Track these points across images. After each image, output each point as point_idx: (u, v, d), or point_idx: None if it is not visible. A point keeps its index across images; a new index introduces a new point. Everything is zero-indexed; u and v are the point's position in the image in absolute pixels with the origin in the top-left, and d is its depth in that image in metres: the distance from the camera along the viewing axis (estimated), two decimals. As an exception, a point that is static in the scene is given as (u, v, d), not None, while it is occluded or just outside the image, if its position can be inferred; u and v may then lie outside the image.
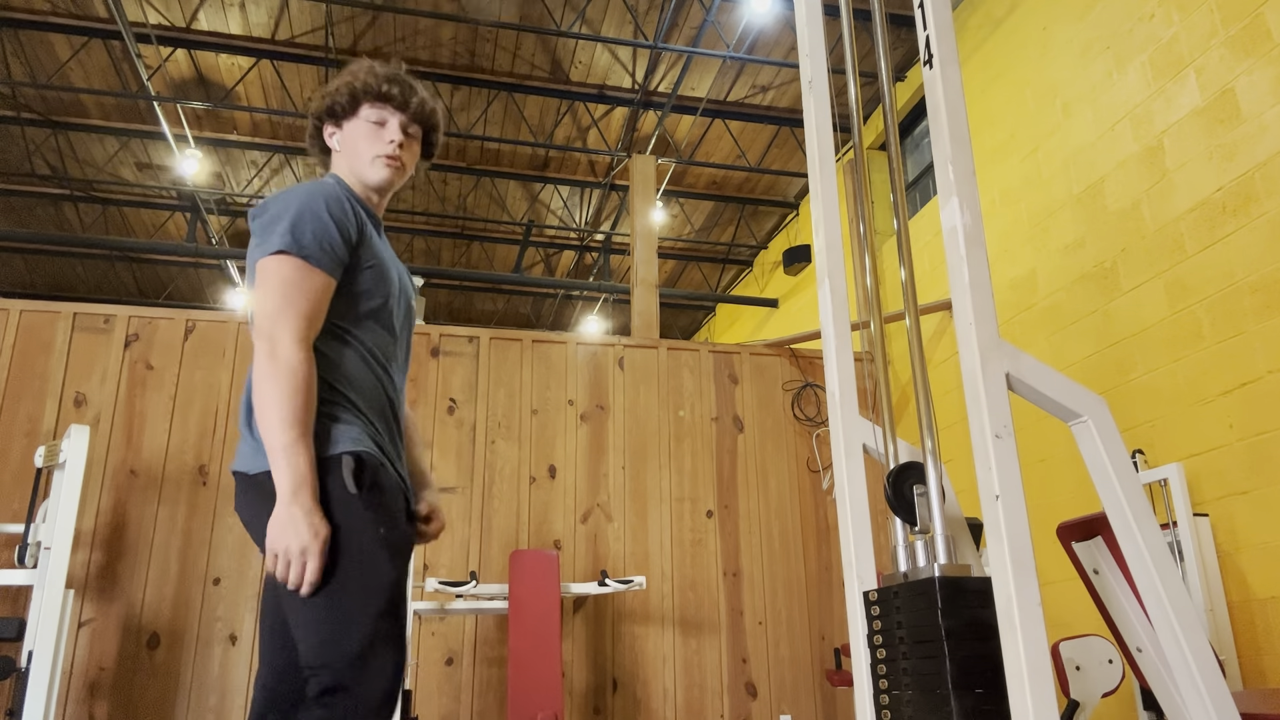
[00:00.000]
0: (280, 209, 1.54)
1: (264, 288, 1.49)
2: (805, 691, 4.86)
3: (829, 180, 2.06)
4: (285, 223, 1.51)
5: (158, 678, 4.19)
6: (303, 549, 1.36)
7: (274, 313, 1.46)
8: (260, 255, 1.51)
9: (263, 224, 1.54)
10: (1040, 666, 1.35)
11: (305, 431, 1.41)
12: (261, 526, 1.45)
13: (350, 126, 1.72)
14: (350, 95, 1.71)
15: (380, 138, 1.71)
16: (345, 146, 1.73)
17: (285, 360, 1.43)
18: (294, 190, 1.58)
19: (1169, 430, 3.85)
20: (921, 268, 5.92)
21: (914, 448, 1.82)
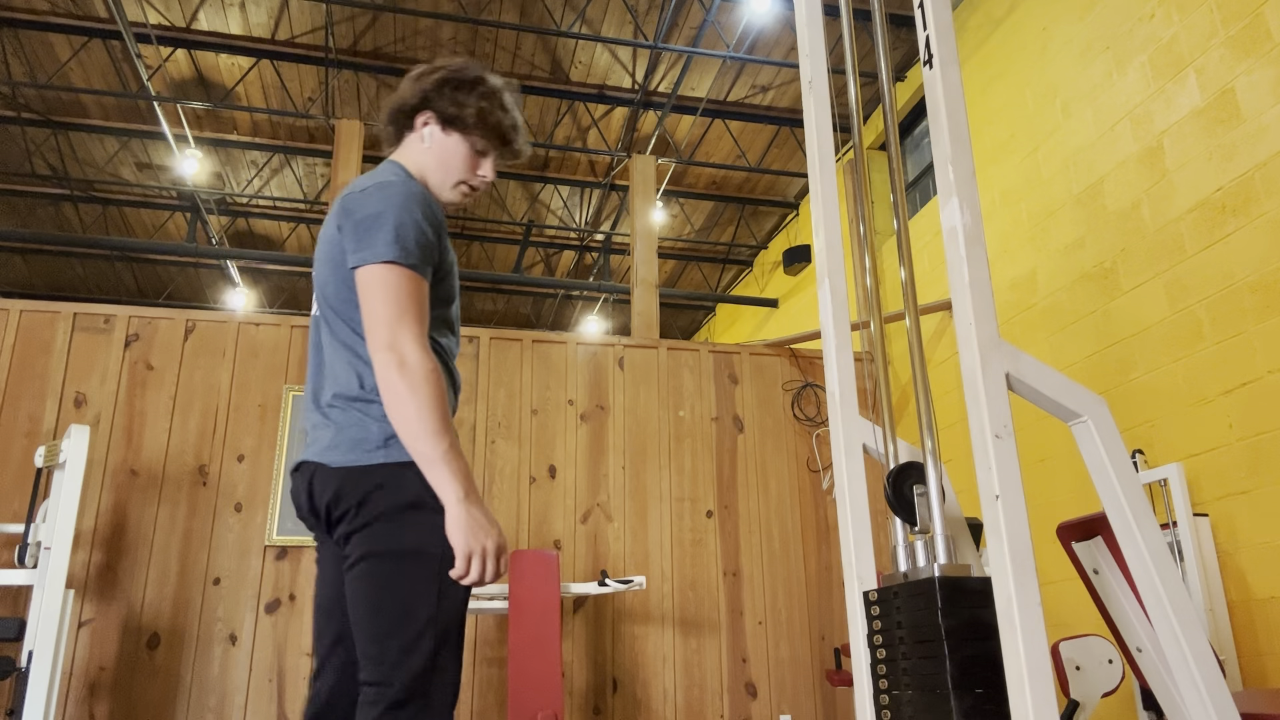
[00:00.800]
0: (378, 210, 1.50)
1: (374, 297, 1.45)
2: (805, 691, 4.86)
3: (829, 180, 2.06)
4: (389, 229, 1.48)
5: (158, 678, 4.19)
6: (498, 547, 1.39)
7: (393, 322, 1.43)
8: (364, 261, 1.47)
9: (360, 225, 1.50)
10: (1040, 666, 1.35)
11: (454, 435, 1.42)
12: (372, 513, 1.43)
13: (454, 140, 1.66)
14: (478, 117, 1.65)
15: (475, 169, 1.67)
16: (437, 154, 1.66)
17: (417, 369, 1.41)
18: (388, 190, 1.52)
19: (1169, 430, 3.85)
20: (921, 268, 5.92)
21: (914, 448, 1.82)
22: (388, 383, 1.41)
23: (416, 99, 1.67)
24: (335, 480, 1.48)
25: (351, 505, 1.46)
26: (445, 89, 1.65)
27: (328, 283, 1.57)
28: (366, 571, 1.44)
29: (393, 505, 1.44)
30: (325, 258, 1.58)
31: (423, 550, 1.43)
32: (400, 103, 1.70)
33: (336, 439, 1.50)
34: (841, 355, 1.95)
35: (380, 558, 1.44)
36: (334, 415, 1.52)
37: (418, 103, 1.67)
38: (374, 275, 1.46)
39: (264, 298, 10.24)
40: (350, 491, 1.46)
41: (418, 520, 1.44)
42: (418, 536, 1.43)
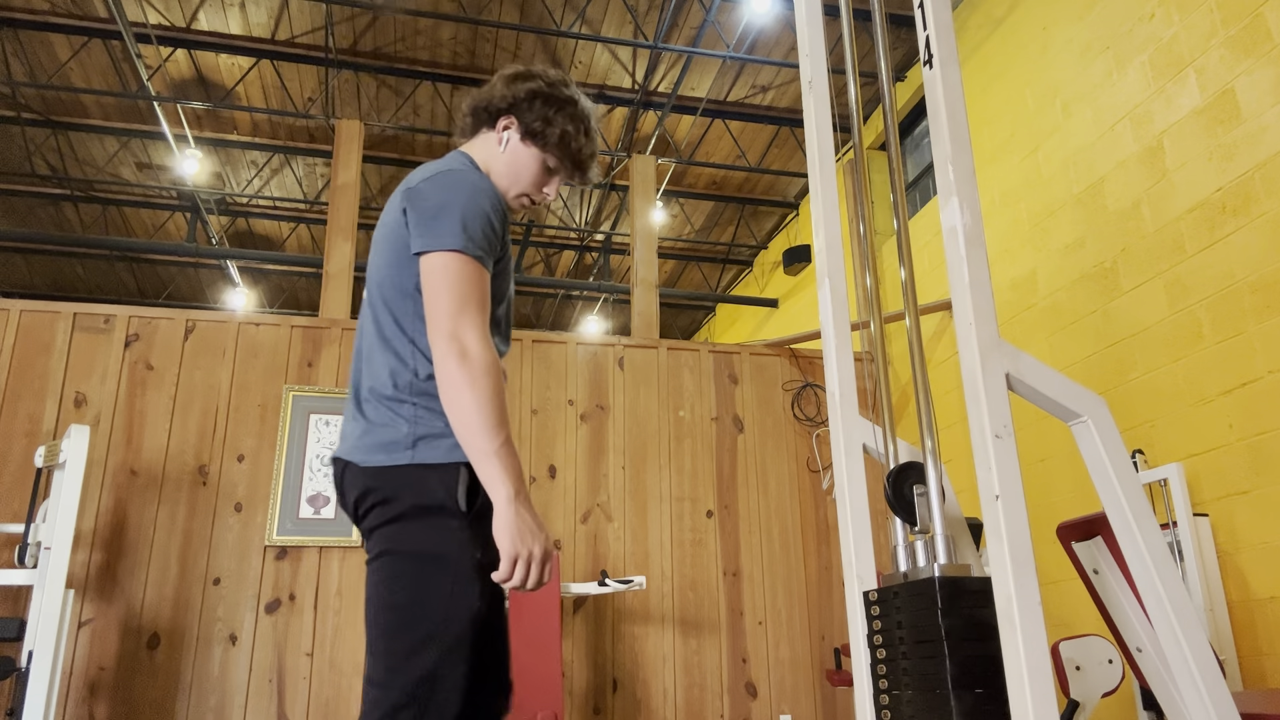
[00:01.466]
0: (446, 199, 1.49)
1: (438, 285, 1.44)
2: (805, 691, 4.86)
3: (829, 180, 2.06)
4: (456, 219, 1.46)
5: (158, 678, 4.19)
6: (545, 551, 1.37)
7: (456, 312, 1.42)
8: (430, 248, 1.46)
9: (427, 212, 1.48)
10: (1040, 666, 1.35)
11: (508, 432, 1.40)
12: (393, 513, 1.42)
13: (531, 153, 1.65)
14: (560, 139, 1.64)
15: (540, 184, 1.67)
16: (509, 161, 1.65)
17: (479, 361, 1.39)
18: (456, 180, 1.52)
19: (1169, 430, 3.85)
20: (921, 268, 5.92)
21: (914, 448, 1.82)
22: (447, 373, 1.39)
23: (504, 103, 1.65)
24: (363, 479, 1.47)
25: (376, 503, 1.46)
26: (536, 101, 1.64)
27: (381, 269, 1.56)
28: (382, 568, 1.43)
29: (415, 507, 1.43)
30: (383, 242, 1.57)
31: (441, 555, 1.41)
32: (487, 101, 1.68)
33: (365, 437, 1.49)
34: (841, 355, 1.95)
35: (397, 556, 1.42)
36: (367, 410, 1.52)
37: (505, 106, 1.65)
38: (439, 262, 1.45)
39: (264, 298, 10.24)
40: (375, 490, 1.45)
41: (439, 524, 1.42)
42: (437, 540, 1.41)
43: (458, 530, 1.42)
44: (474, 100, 1.69)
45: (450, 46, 6.42)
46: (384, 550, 1.44)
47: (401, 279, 1.52)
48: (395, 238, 1.54)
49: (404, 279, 1.52)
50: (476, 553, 1.43)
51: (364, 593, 1.49)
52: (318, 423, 4.69)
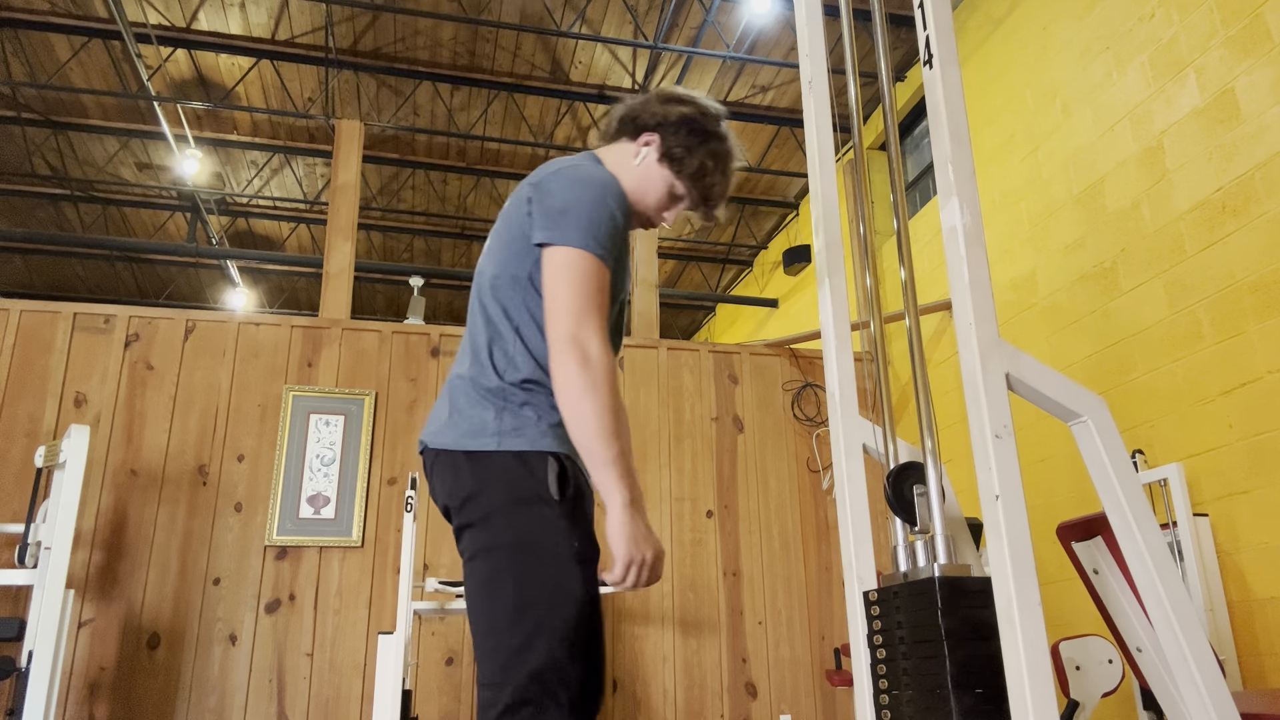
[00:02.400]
0: (574, 198, 1.48)
1: (561, 281, 1.42)
2: (805, 691, 4.86)
3: (829, 180, 2.06)
4: (584, 217, 1.45)
5: (158, 678, 4.19)
6: (657, 555, 1.38)
7: (578, 312, 1.40)
8: (555, 241, 1.45)
9: (553, 206, 1.47)
10: (1040, 666, 1.35)
11: (627, 438, 1.40)
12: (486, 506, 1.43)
13: (663, 175, 1.62)
14: (697, 170, 1.61)
15: (663, 208, 1.65)
16: (640, 177, 1.63)
17: (599, 366, 1.38)
18: (585, 176, 1.51)
19: (1169, 430, 3.85)
20: (921, 268, 5.92)
21: (914, 448, 1.82)
22: (566, 377, 1.38)
23: (653, 120, 1.63)
24: (450, 470, 1.48)
25: (466, 497, 1.46)
26: (684, 127, 1.62)
27: (495, 261, 1.55)
28: (479, 568, 1.43)
29: (508, 499, 1.43)
30: (501, 233, 1.56)
31: (536, 544, 1.40)
32: (635, 114, 1.66)
33: (451, 420, 1.51)
34: (841, 355, 1.95)
35: (491, 552, 1.42)
36: (456, 394, 1.53)
37: (653, 124, 1.63)
38: (563, 259, 1.43)
39: (264, 298, 10.24)
40: (463, 483, 1.46)
41: (535, 514, 1.42)
42: (536, 531, 1.41)
43: (554, 519, 1.42)
44: (624, 109, 1.67)
45: (450, 46, 6.42)
46: (478, 549, 1.44)
47: (515, 268, 1.52)
48: (515, 228, 1.54)
49: (518, 268, 1.52)
50: (574, 541, 1.43)
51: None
52: (318, 423, 4.69)
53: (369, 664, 4.39)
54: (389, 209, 8.43)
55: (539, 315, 1.52)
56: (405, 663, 3.43)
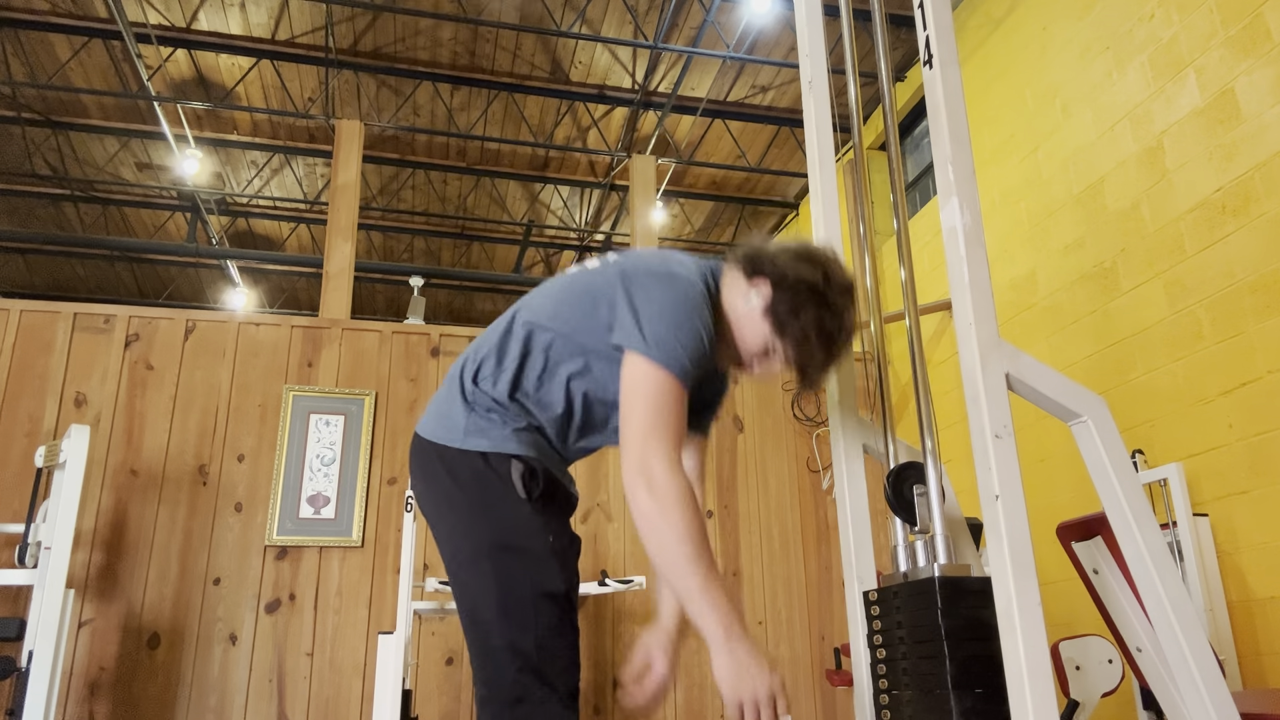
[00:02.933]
0: (673, 303, 1.42)
1: (637, 398, 1.38)
2: (805, 691, 4.86)
3: (829, 180, 2.06)
4: (674, 335, 1.40)
5: (158, 678, 4.19)
6: (770, 692, 1.27)
7: (648, 435, 1.36)
8: (636, 349, 1.40)
9: (649, 311, 1.41)
10: (1040, 666, 1.35)
11: (711, 562, 1.32)
12: (435, 496, 1.48)
13: (763, 328, 1.51)
14: (799, 339, 1.49)
15: (751, 361, 1.56)
16: (745, 319, 1.53)
17: (668, 493, 1.32)
18: (683, 294, 1.44)
19: (1169, 430, 3.85)
20: (921, 268, 5.91)
21: (914, 448, 1.82)
22: (637, 507, 1.33)
23: (774, 271, 1.51)
24: (420, 458, 1.54)
25: (432, 489, 1.51)
26: (800, 291, 1.48)
27: (558, 302, 1.53)
28: (460, 571, 1.47)
29: (477, 499, 1.47)
30: (579, 287, 1.53)
31: (512, 543, 1.43)
32: (763, 257, 1.53)
33: (431, 411, 1.56)
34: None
35: (470, 555, 1.45)
36: (444, 388, 1.58)
37: (773, 276, 1.51)
38: (644, 372, 1.39)
39: (264, 298, 10.24)
40: (432, 473, 1.51)
41: (504, 513, 1.45)
42: (505, 529, 1.44)
43: (527, 517, 1.45)
44: (755, 246, 1.57)
45: (450, 46, 6.42)
46: (458, 550, 1.46)
47: (577, 332, 1.49)
48: (597, 298, 1.49)
49: (580, 334, 1.49)
50: (549, 536, 1.46)
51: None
52: (318, 423, 4.69)
53: (369, 664, 4.39)
54: (389, 209, 8.43)
55: (554, 370, 1.52)
56: (405, 663, 3.43)
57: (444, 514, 1.50)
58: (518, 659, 1.38)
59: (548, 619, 1.41)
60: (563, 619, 1.42)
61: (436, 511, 1.52)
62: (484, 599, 1.41)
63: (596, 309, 1.49)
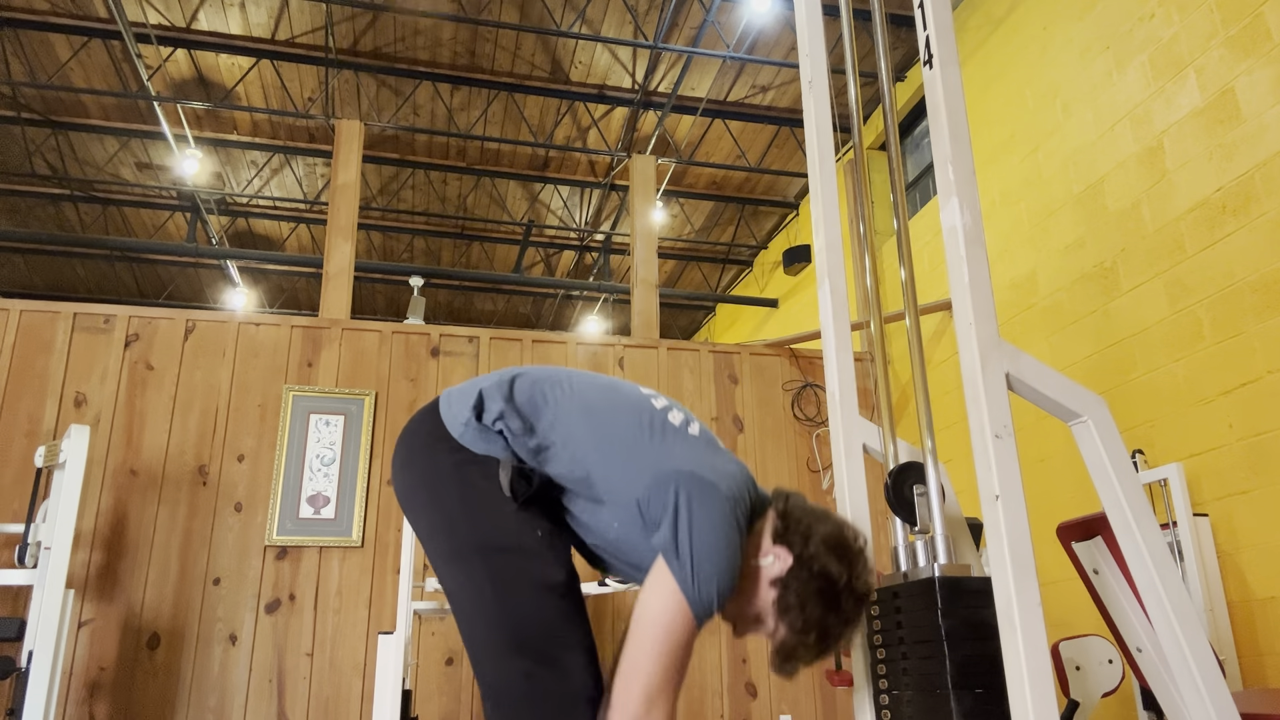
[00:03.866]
0: (719, 539, 1.35)
1: (653, 631, 1.33)
2: (805, 691, 4.85)
3: (829, 180, 2.06)
4: (714, 576, 1.34)
5: (158, 678, 4.19)
6: None
7: (656, 690, 1.32)
8: (673, 570, 1.34)
9: (696, 539, 1.34)
10: (1040, 666, 1.35)
11: None
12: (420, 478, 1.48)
13: (768, 594, 1.43)
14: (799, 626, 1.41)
15: (741, 623, 1.49)
16: (748, 585, 1.45)
17: None
18: (729, 532, 1.36)
19: (1169, 430, 3.85)
20: (921, 268, 5.91)
21: (914, 448, 1.82)
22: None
23: (798, 546, 1.42)
24: (427, 421, 1.55)
25: (418, 465, 1.53)
26: (816, 582, 1.40)
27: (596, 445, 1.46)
28: (451, 578, 1.46)
29: (465, 495, 1.47)
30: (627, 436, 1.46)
31: (501, 543, 1.43)
32: (797, 526, 1.44)
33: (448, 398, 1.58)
34: (841, 355, 1.95)
35: (460, 559, 1.45)
36: (465, 387, 1.59)
37: (796, 549, 1.42)
38: (670, 604, 1.33)
39: (264, 298, 10.24)
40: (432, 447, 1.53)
41: (491, 513, 1.44)
42: (492, 529, 1.44)
43: (512, 514, 1.44)
44: (795, 504, 1.48)
45: (450, 46, 6.41)
46: (447, 552, 1.46)
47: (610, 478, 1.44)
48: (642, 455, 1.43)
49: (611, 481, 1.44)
50: (537, 531, 1.45)
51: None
52: (318, 423, 4.69)
53: (369, 664, 4.39)
54: (389, 209, 8.43)
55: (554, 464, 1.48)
56: (405, 663, 3.43)
57: (426, 509, 1.50)
58: (526, 655, 1.37)
59: (553, 610, 1.40)
60: (569, 607, 1.41)
61: (418, 501, 1.51)
62: (480, 600, 1.41)
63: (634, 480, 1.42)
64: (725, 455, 1.48)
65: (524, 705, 1.37)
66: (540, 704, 1.36)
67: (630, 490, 1.42)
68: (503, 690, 1.38)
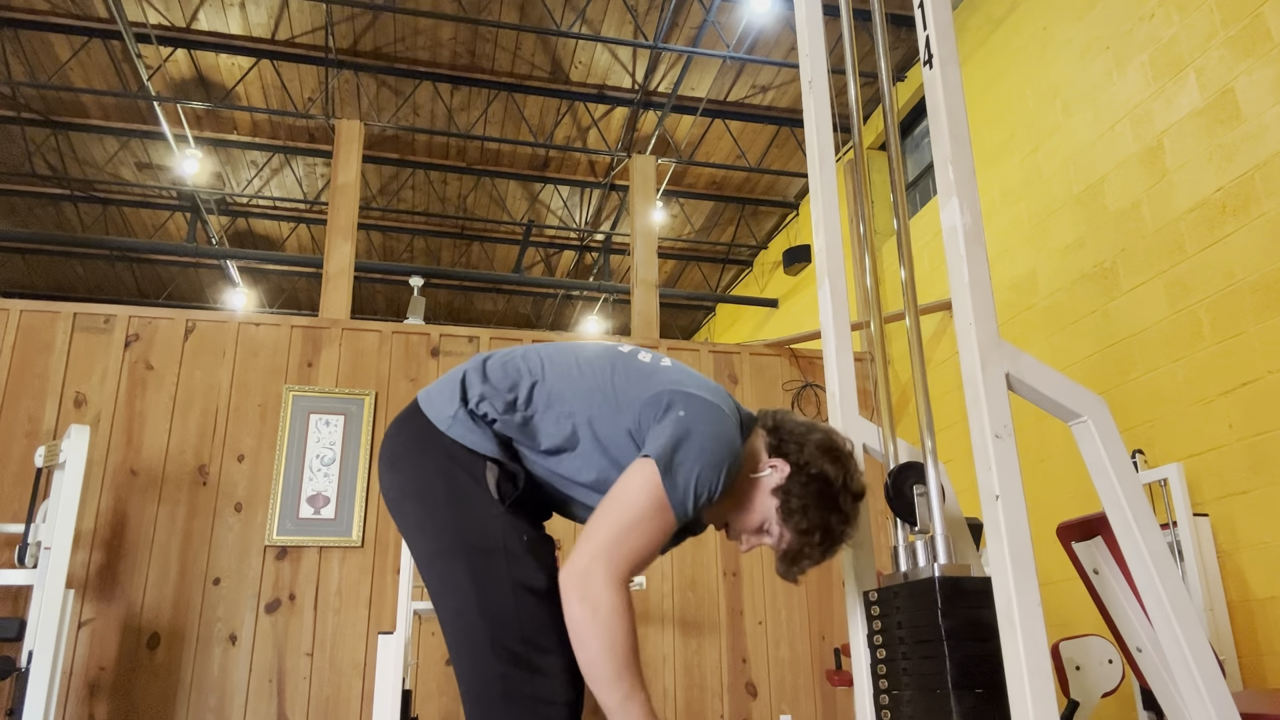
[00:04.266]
0: (700, 439, 1.38)
1: (619, 502, 1.36)
2: (805, 691, 4.86)
3: (829, 180, 2.06)
4: (694, 475, 1.36)
5: (158, 678, 4.19)
6: None
7: (606, 545, 1.33)
8: (657, 463, 1.36)
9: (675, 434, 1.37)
10: (1040, 666, 1.35)
11: (635, 678, 1.32)
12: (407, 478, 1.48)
13: (769, 502, 1.48)
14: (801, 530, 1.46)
15: (744, 530, 1.52)
16: (749, 491, 1.49)
17: (599, 605, 1.31)
18: (726, 439, 1.40)
19: (1169, 430, 3.85)
20: (921, 268, 5.91)
21: (914, 448, 1.82)
22: (569, 610, 1.33)
23: (795, 455, 1.48)
24: (409, 421, 1.56)
25: (403, 460, 1.53)
26: (817, 484, 1.46)
27: (591, 374, 1.49)
28: (434, 579, 1.46)
29: (448, 494, 1.46)
30: (616, 370, 1.49)
31: (486, 545, 1.42)
32: (789, 437, 1.50)
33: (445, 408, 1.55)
34: (841, 355, 1.95)
35: (445, 559, 1.45)
36: (452, 375, 1.58)
37: (795, 461, 1.48)
38: (640, 483, 1.36)
39: (264, 298, 10.24)
40: (416, 444, 1.52)
41: (475, 514, 1.44)
42: (476, 531, 1.43)
43: (497, 517, 1.44)
44: (785, 419, 1.53)
45: (450, 46, 6.42)
46: (429, 552, 1.46)
47: (600, 412, 1.46)
48: (634, 395, 1.46)
49: (596, 419, 1.46)
50: (523, 535, 1.45)
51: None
52: (318, 423, 4.69)
53: (369, 664, 4.39)
54: (389, 209, 8.43)
55: (543, 429, 1.49)
56: (405, 663, 3.43)
57: (412, 509, 1.49)
58: (503, 657, 1.37)
59: (533, 613, 1.40)
60: (550, 612, 1.41)
61: (404, 501, 1.50)
62: (461, 600, 1.41)
63: (634, 414, 1.45)
64: (700, 375, 1.54)
65: (501, 707, 1.37)
66: (517, 706, 1.37)
67: (621, 424, 1.46)
68: (481, 691, 1.38)
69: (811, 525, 1.46)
